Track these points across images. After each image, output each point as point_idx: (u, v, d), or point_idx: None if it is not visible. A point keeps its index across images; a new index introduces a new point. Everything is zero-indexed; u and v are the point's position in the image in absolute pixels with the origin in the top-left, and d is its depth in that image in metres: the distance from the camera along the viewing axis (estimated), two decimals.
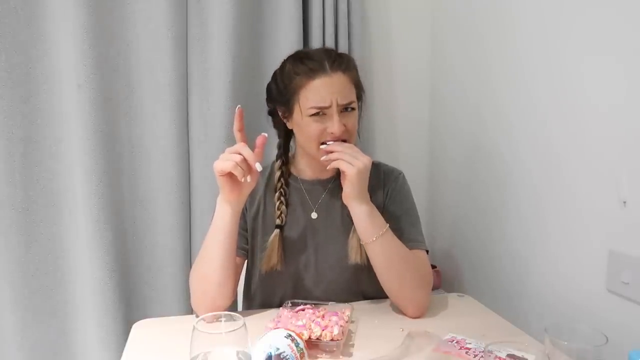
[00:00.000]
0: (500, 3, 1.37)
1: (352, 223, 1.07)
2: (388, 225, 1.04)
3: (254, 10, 1.53)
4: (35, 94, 1.36)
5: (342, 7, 1.57)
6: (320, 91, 1.02)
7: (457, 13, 1.62)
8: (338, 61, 1.06)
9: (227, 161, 0.93)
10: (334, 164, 1.01)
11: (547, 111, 1.19)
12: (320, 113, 1.03)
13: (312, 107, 1.02)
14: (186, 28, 1.47)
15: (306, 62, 1.05)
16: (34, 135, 1.37)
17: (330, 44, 1.55)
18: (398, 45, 1.77)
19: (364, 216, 1.02)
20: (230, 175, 0.95)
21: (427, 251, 1.13)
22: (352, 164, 0.99)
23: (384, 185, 1.17)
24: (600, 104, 1.03)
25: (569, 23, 1.11)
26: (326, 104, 1.02)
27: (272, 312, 1.07)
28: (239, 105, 0.99)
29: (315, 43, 1.54)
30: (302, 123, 1.05)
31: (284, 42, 1.52)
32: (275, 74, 1.13)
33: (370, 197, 1.13)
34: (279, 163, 1.17)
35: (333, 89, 1.02)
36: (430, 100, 1.81)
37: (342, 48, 1.57)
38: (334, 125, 1.02)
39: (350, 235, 1.09)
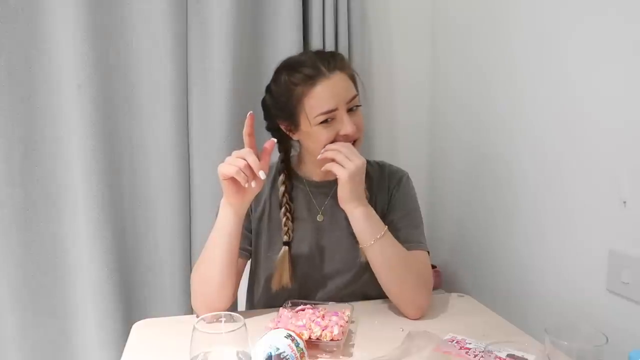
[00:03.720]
0: (499, 4, 1.37)
1: None
2: (387, 227, 1.03)
3: (254, 10, 1.53)
4: (35, 94, 1.36)
5: (342, 7, 1.57)
6: (323, 96, 1.00)
7: (457, 13, 1.62)
8: (332, 61, 1.03)
9: (230, 165, 0.93)
10: (327, 167, 1.00)
11: (546, 111, 1.19)
12: (329, 119, 1.01)
13: (319, 114, 1.00)
14: (186, 28, 1.46)
15: (301, 69, 1.02)
16: (34, 135, 1.37)
17: (330, 43, 1.55)
18: (398, 45, 1.76)
19: (360, 219, 1.01)
20: (233, 180, 0.94)
21: (429, 252, 1.13)
22: (344, 167, 0.98)
23: (388, 186, 1.16)
24: (600, 103, 1.03)
25: (568, 24, 1.11)
26: (333, 107, 1.00)
27: (272, 312, 1.06)
28: (251, 111, 0.97)
29: (315, 43, 1.54)
30: (312, 132, 1.03)
31: (284, 42, 1.52)
32: (269, 89, 1.09)
33: (375, 197, 1.12)
34: (282, 178, 1.14)
35: (336, 91, 1.01)
36: (430, 101, 1.80)
37: (342, 48, 1.57)
38: (346, 126, 1.01)
39: None
